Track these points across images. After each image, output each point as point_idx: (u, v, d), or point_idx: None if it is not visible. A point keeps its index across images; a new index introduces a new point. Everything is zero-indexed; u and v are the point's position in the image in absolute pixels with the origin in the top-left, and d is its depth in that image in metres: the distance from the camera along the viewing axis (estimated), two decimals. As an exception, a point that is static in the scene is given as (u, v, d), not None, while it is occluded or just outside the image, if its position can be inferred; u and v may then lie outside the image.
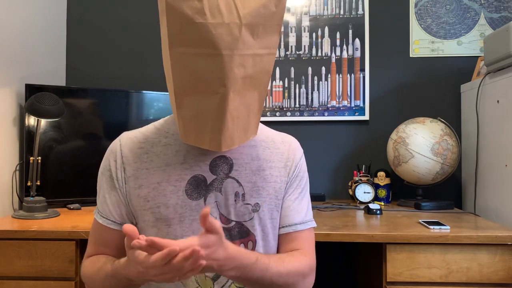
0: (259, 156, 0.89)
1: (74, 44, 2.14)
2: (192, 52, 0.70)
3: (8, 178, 1.66)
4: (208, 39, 0.69)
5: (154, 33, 2.13)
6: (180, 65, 0.72)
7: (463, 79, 2.02)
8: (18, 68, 1.73)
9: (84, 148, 1.77)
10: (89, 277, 0.85)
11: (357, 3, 2.06)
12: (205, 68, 0.71)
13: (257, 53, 0.74)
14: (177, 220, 0.82)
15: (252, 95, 0.77)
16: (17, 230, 1.32)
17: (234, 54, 0.70)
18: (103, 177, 0.87)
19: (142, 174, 0.84)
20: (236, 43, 0.70)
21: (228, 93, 0.72)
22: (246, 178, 0.86)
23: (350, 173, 2.06)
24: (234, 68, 0.71)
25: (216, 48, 0.69)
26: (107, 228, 0.86)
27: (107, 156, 0.88)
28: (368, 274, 1.70)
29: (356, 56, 2.06)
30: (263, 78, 0.78)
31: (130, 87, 2.11)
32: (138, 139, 0.87)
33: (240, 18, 0.70)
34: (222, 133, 0.75)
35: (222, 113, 0.73)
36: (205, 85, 0.72)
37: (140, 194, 0.83)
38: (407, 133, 1.76)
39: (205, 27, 0.68)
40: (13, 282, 1.32)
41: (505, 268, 1.27)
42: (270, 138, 0.94)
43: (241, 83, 0.73)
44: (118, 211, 0.85)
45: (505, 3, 2.01)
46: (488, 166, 1.69)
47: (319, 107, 2.07)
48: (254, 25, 0.72)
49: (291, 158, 0.92)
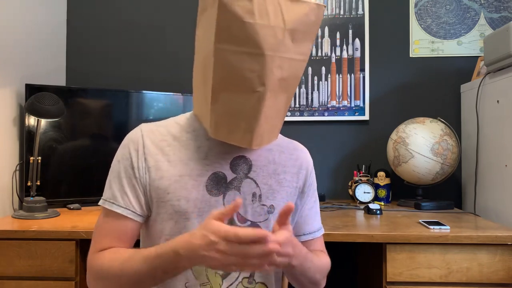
0: (275, 160, 0.92)
1: (74, 44, 2.14)
2: (237, 50, 0.73)
3: (8, 178, 1.66)
4: (254, 39, 0.72)
5: (154, 33, 2.13)
6: (222, 62, 0.74)
7: (463, 79, 2.02)
8: (18, 68, 1.73)
9: (84, 148, 1.77)
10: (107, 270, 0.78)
11: (357, 3, 2.06)
12: (247, 66, 0.74)
13: (293, 57, 0.77)
14: (196, 214, 0.83)
15: (282, 98, 0.80)
16: (17, 230, 1.32)
17: (275, 56, 0.74)
18: (121, 165, 0.85)
19: (163, 166, 0.84)
20: (278, 45, 0.73)
21: (266, 92, 0.75)
22: (263, 180, 0.89)
23: (350, 173, 2.06)
24: (273, 69, 0.74)
25: (260, 48, 0.72)
26: (127, 219, 0.83)
27: (125, 144, 0.86)
28: (368, 274, 1.70)
29: (356, 56, 2.06)
30: (294, 82, 0.81)
31: (130, 87, 2.11)
32: (160, 132, 0.87)
33: (284, 22, 0.73)
34: (255, 131, 0.78)
35: (258, 111, 0.76)
36: (244, 83, 0.75)
37: (160, 185, 0.83)
38: (407, 133, 1.76)
39: (252, 27, 0.71)
40: (13, 282, 1.32)
41: (505, 268, 1.27)
42: (285, 143, 0.97)
43: (277, 85, 0.77)
44: (137, 201, 0.84)
45: (505, 3, 2.01)
46: (488, 166, 1.69)
47: (319, 107, 2.07)
48: (295, 31, 0.75)
49: (305, 166, 0.97)
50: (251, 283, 0.86)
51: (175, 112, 1.90)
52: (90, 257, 0.84)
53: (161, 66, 2.13)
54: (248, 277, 0.86)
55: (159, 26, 2.13)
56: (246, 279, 0.86)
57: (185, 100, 1.93)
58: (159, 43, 2.13)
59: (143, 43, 2.13)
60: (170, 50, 2.13)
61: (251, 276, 0.86)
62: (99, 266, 0.80)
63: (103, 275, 0.79)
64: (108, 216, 0.84)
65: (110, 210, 0.84)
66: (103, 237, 0.84)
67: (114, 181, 0.85)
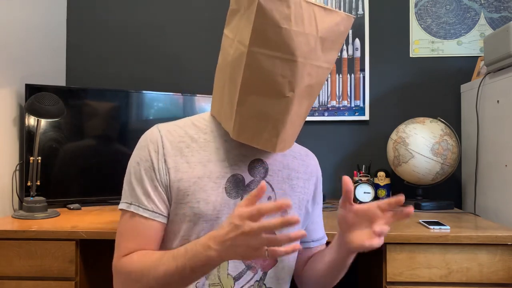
0: (288, 165, 0.93)
1: (74, 44, 2.14)
2: (270, 54, 0.74)
3: (8, 178, 1.66)
4: (288, 45, 0.73)
5: (154, 33, 2.13)
6: (254, 65, 0.75)
7: (463, 79, 2.02)
8: (18, 68, 1.73)
9: (84, 148, 1.77)
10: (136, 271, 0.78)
11: (357, 3, 2.06)
12: (278, 71, 0.74)
13: (321, 65, 0.78)
14: (214, 216, 0.83)
15: (306, 104, 0.81)
16: (17, 230, 1.32)
17: (307, 63, 0.75)
18: (141, 167, 0.83)
19: (182, 167, 0.83)
20: (310, 52, 0.75)
21: (294, 98, 0.76)
22: (278, 184, 0.89)
23: (350, 173, 2.06)
24: (304, 76, 0.76)
25: (294, 55, 0.73)
26: (154, 221, 0.82)
27: (144, 146, 0.85)
28: (368, 274, 1.70)
29: (356, 56, 2.06)
30: (318, 89, 0.82)
31: (130, 87, 2.11)
32: (178, 133, 0.86)
33: (317, 30, 0.75)
34: (280, 135, 0.79)
35: (285, 116, 0.77)
36: (275, 88, 0.75)
37: (180, 187, 0.82)
38: (407, 133, 1.76)
39: (288, 33, 0.72)
40: (13, 282, 1.32)
41: (505, 268, 1.27)
42: (297, 149, 0.98)
43: (304, 91, 0.78)
44: (162, 203, 0.83)
45: (505, 3, 2.01)
46: (488, 166, 1.69)
47: (319, 107, 2.07)
48: (326, 40, 0.77)
49: (315, 173, 0.98)
50: (261, 287, 0.86)
51: (175, 112, 1.90)
52: (117, 263, 0.82)
53: (161, 66, 2.13)
54: (258, 280, 0.86)
55: (159, 26, 2.13)
56: (257, 282, 0.86)
57: (185, 100, 1.93)
58: (159, 43, 2.13)
59: (143, 43, 2.13)
60: (170, 50, 2.13)
61: (261, 280, 0.86)
62: (128, 269, 0.79)
63: (133, 278, 0.78)
64: (134, 220, 0.82)
65: (136, 214, 0.82)
66: (130, 241, 0.82)
67: (136, 183, 0.83)
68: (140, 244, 0.82)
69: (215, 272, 0.83)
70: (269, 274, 0.87)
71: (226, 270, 0.83)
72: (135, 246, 0.82)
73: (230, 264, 0.84)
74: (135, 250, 0.82)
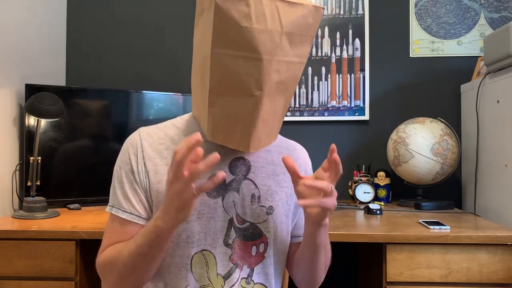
0: (273, 161, 0.92)
1: (74, 44, 2.14)
2: (234, 54, 0.73)
3: (8, 178, 1.66)
4: (251, 43, 0.72)
5: (154, 33, 2.13)
6: (219, 66, 0.74)
7: (463, 79, 2.02)
8: (18, 68, 1.73)
9: (84, 148, 1.77)
10: (108, 262, 0.81)
11: (357, 3, 2.06)
12: (244, 70, 0.73)
13: (291, 60, 0.77)
14: (195, 216, 0.83)
15: (280, 100, 0.80)
16: (17, 230, 1.32)
17: (273, 60, 0.74)
18: (122, 171, 0.86)
19: (162, 170, 0.84)
20: (276, 49, 0.73)
21: (263, 96, 0.75)
22: (262, 181, 0.89)
23: (350, 173, 2.06)
24: (271, 73, 0.74)
25: (258, 53, 0.72)
26: (131, 223, 0.84)
27: (125, 149, 0.87)
28: (368, 274, 1.70)
29: (356, 56, 2.06)
30: (292, 85, 0.81)
31: (130, 87, 2.11)
32: (158, 135, 0.87)
33: (282, 26, 0.73)
34: (252, 134, 0.78)
35: (255, 115, 0.76)
36: (242, 87, 0.75)
37: (159, 189, 0.83)
38: (407, 133, 1.76)
39: (250, 31, 0.71)
40: (13, 282, 1.32)
41: (505, 268, 1.27)
42: (284, 144, 0.97)
43: (275, 88, 0.77)
44: (141, 205, 0.85)
45: (505, 3, 2.01)
46: (488, 166, 1.69)
47: (319, 107, 2.07)
48: (293, 34, 0.75)
49: (303, 167, 0.97)
50: (249, 283, 0.86)
51: (175, 112, 1.90)
52: (96, 260, 0.86)
53: (161, 66, 2.13)
54: (246, 277, 0.86)
55: (159, 26, 2.13)
56: (244, 279, 0.86)
57: (185, 100, 1.93)
58: (159, 43, 2.13)
59: (143, 43, 2.13)
60: (170, 50, 2.13)
61: (249, 277, 0.86)
62: (102, 263, 0.83)
63: (106, 268, 0.82)
64: (114, 222, 0.86)
65: (116, 216, 0.85)
66: (110, 242, 0.85)
67: (118, 187, 0.86)
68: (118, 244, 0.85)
69: (204, 273, 0.83)
70: (256, 270, 0.87)
71: (215, 271, 0.83)
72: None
73: (219, 263, 0.84)
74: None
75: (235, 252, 0.85)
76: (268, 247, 0.88)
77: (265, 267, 0.88)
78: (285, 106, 0.83)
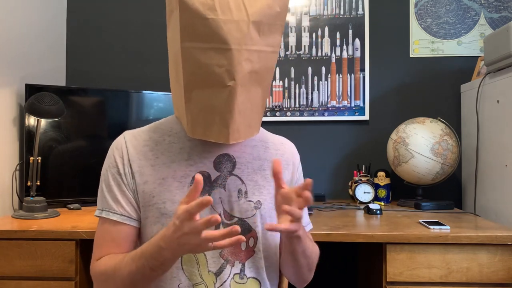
0: (260, 156, 0.92)
1: (74, 44, 2.14)
2: (203, 47, 0.74)
3: (8, 178, 1.66)
4: (219, 34, 0.73)
5: (154, 33, 2.13)
6: (190, 60, 0.75)
7: (463, 79, 2.02)
8: (18, 68, 1.73)
9: (84, 148, 1.77)
10: (104, 273, 0.81)
11: (357, 3, 2.06)
12: (214, 62, 0.74)
13: (262, 49, 0.78)
14: None
15: (257, 90, 0.81)
16: (17, 230, 1.32)
17: (242, 49, 0.74)
18: (109, 174, 0.87)
19: (147, 171, 0.85)
20: (244, 38, 0.74)
21: (236, 86, 0.76)
22: (248, 176, 0.89)
23: (350, 173, 2.06)
24: (242, 62, 0.75)
25: (226, 43, 0.73)
26: (123, 225, 0.85)
27: (111, 153, 0.88)
28: (368, 274, 1.70)
29: (356, 56, 2.06)
30: (267, 75, 0.81)
31: (130, 87, 2.11)
32: (142, 137, 0.89)
33: (248, 15, 0.74)
34: (230, 126, 0.79)
35: (231, 106, 0.77)
36: (214, 79, 0.75)
37: (145, 190, 0.84)
38: (407, 133, 1.76)
39: (216, 23, 0.73)
40: (13, 282, 1.32)
41: (505, 268, 1.27)
42: (270, 139, 0.97)
43: (248, 78, 0.77)
44: (130, 206, 0.85)
45: (505, 3, 2.01)
46: (488, 166, 1.69)
47: (319, 107, 2.07)
48: (260, 23, 0.76)
49: (291, 161, 0.97)
50: (242, 278, 0.86)
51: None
52: (91, 267, 0.86)
53: (161, 66, 2.13)
54: (239, 272, 0.86)
55: (159, 26, 2.13)
56: (237, 275, 0.86)
57: (185, 100, 1.93)
58: (159, 43, 2.13)
59: (143, 43, 2.13)
60: (170, 50, 2.13)
61: (242, 272, 0.87)
62: (98, 273, 0.83)
63: (102, 279, 0.83)
64: (105, 225, 0.86)
65: (106, 219, 0.85)
66: (103, 246, 0.86)
67: (106, 190, 0.87)
68: (111, 248, 0.85)
69: (196, 272, 0.83)
70: (247, 265, 0.87)
71: (206, 268, 0.84)
72: (107, 250, 0.85)
73: (209, 260, 0.84)
74: (107, 254, 0.85)
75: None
76: (258, 242, 0.88)
77: (256, 262, 0.88)
78: (263, 97, 0.83)
